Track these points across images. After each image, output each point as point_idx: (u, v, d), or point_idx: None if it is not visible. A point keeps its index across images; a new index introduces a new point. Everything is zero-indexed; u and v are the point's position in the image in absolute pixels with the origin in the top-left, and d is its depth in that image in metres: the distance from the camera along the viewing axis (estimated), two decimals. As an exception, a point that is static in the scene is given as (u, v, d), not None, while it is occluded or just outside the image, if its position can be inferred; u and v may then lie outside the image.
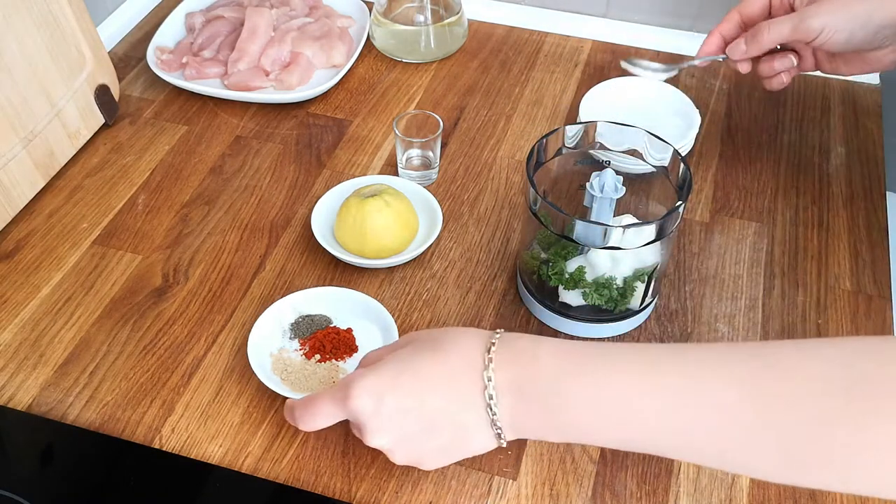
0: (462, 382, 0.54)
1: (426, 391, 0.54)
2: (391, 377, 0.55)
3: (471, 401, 0.53)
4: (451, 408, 0.54)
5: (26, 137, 0.82)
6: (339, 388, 0.56)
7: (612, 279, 0.70)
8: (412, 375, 0.54)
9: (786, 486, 0.64)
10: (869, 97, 0.98)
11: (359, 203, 0.76)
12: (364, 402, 0.54)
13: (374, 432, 0.55)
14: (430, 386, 0.54)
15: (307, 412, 0.58)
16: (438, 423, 0.54)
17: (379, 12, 1.02)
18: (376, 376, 0.55)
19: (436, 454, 0.57)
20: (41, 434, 0.67)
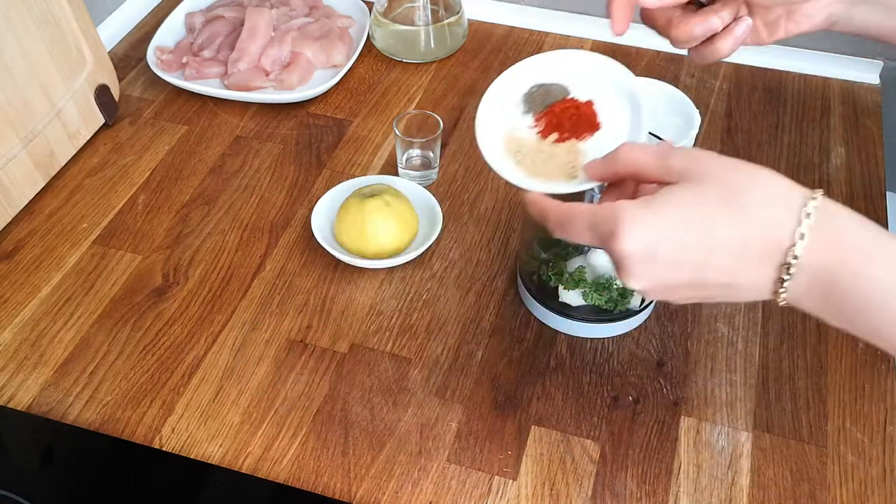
0: (756, 252, 0.47)
1: (710, 252, 0.47)
2: (671, 226, 0.47)
3: (760, 271, 0.47)
4: (734, 272, 0.48)
5: (26, 137, 0.82)
6: (605, 220, 0.49)
7: (612, 279, 0.70)
8: (698, 229, 0.47)
9: (785, 487, 0.64)
10: (869, 97, 0.98)
11: (359, 203, 0.76)
12: (634, 247, 0.48)
13: (635, 277, 0.49)
14: (716, 247, 0.47)
15: (562, 224, 0.52)
16: (711, 281, 0.49)
17: (379, 12, 1.02)
18: (654, 219, 0.48)
19: (692, 299, 0.51)
20: (41, 434, 0.67)
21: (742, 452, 0.66)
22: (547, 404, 0.69)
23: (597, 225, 0.49)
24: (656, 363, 0.72)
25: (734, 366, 0.72)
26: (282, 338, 0.74)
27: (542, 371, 0.71)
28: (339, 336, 0.74)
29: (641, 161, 0.51)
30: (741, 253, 0.47)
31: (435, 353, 0.73)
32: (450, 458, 0.66)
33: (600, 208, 0.49)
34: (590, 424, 0.68)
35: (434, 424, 0.68)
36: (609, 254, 0.50)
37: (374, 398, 0.69)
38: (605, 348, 0.73)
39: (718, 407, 0.69)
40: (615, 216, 0.48)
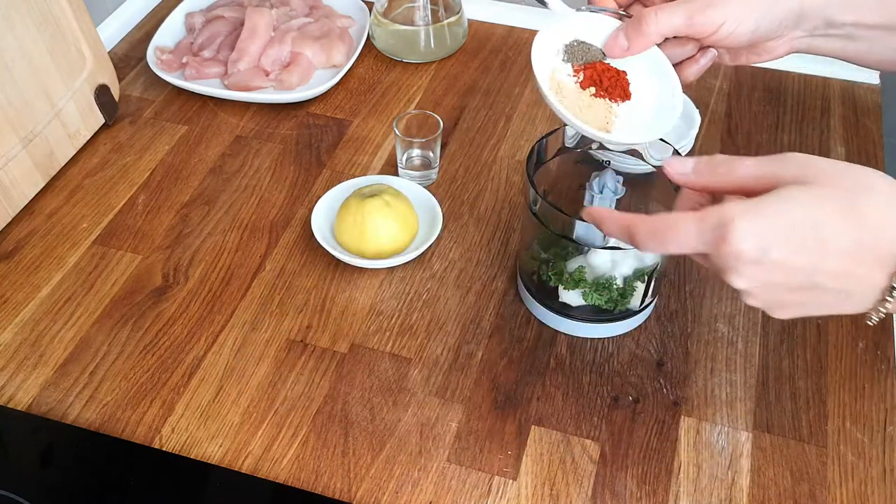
0: (870, 258, 0.47)
1: (824, 256, 0.47)
2: (785, 227, 0.47)
3: (871, 279, 0.48)
4: (844, 277, 0.48)
5: (26, 137, 0.82)
6: (712, 225, 0.48)
7: (612, 279, 0.70)
8: (811, 232, 0.47)
9: (785, 487, 0.64)
10: (869, 97, 0.98)
11: (359, 203, 0.76)
12: (745, 248, 0.47)
13: (742, 277, 0.49)
14: (830, 251, 0.47)
15: (659, 235, 0.51)
16: (821, 286, 0.49)
17: (379, 12, 1.02)
18: (765, 221, 0.47)
19: (797, 308, 0.51)
20: (41, 434, 0.67)
21: (742, 452, 0.66)
22: (547, 404, 0.69)
23: (704, 231, 0.49)
24: (656, 363, 0.72)
25: (734, 366, 0.72)
26: (282, 338, 0.74)
27: (542, 371, 0.71)
28: (339, 336, 0.74)
29: (742, 173, 0.51)
30: (855, 258, 0.47)
31: (435, 353, 0.73)
32: (450, 458, 0.66)
33: (707, 214, 0.49)
34: (590, 424, 0.68)
35: (434, 424, 0.68)
36: (716, 257, 0.49)
37: (374, 398, 0.69)
38: (605, 348, 0.73)
39: (718, 407, 0.69)
40: (725, 218, 0.48)
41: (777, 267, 0.48)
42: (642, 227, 0.52)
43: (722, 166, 0.51)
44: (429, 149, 0.85)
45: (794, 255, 0.47)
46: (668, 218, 0.51)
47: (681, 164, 0.53)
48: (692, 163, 0.52)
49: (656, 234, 0.51)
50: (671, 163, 0.53)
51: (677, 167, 0.53)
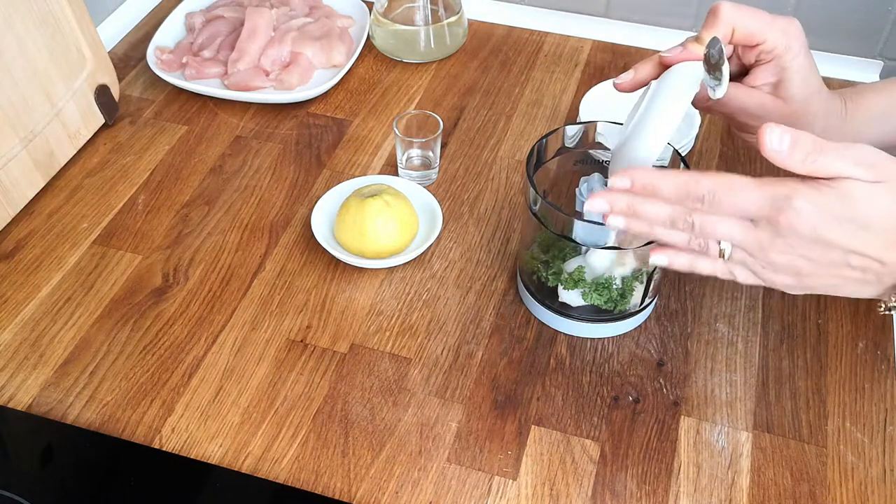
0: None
1: (865, 241, 0.52)
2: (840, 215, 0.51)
3: None
4: (876, 262, 0.52)
5: (26, 137, 0.83)
6: (774, 195, 0.51)
7: (612, 279, 0.70)
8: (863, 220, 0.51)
9: (785, 487, 0.64)
10: (869, 97, 0.98)
11: (359, 203, 0.76)
12: (799, 223, 0.51)
13: (785, 253, 0.53)
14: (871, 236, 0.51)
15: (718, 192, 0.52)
16: (851, 265, 0.53)
17: (379, 12, 1.02)
18: (823, 203, 0.51)
19: (818, 285, 0.55)
20: (41, 434, 0.67)
21: (742, 452, 0.66)
22: (547, 404, 0.69)
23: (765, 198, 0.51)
24: (656, 363, 0.72)
25: (734, 366, 0.72)
26: (282, 338, 0.74)
27: (542, 371, 0.71)
28: (339, 336, 0.74)
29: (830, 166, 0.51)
30: (889, 245, 0.52)
31: (435, 353, 0.73)
32: (450, 458, 0.66)
33: (767, 182, 0.52)
34: (590, 424, 0.68)
35: (434, 424, 0.68)
36: (767, 226, 0.52)
37: (374, 398, 0.69)
38: (605, 348, 0.73)
39: (718, 407, 0.69)
40: (787, 193, 0.51)
41: (822, 245, 0.52)
42: (704, 181, 0.53)
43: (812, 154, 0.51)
44: (429, 149, 0.85)
45: (839, 237, 0.51)
46: (729, 177, 0.52)
47: (779, 140, 0.51)
48: (788, 142, 0.51)
49: (715, 193, 0.52)
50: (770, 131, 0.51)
51: (774, 142, 0.51)
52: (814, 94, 0.64)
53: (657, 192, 0.54)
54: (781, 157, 0.52)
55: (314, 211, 0.81)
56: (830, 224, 0.51)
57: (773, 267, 0.54)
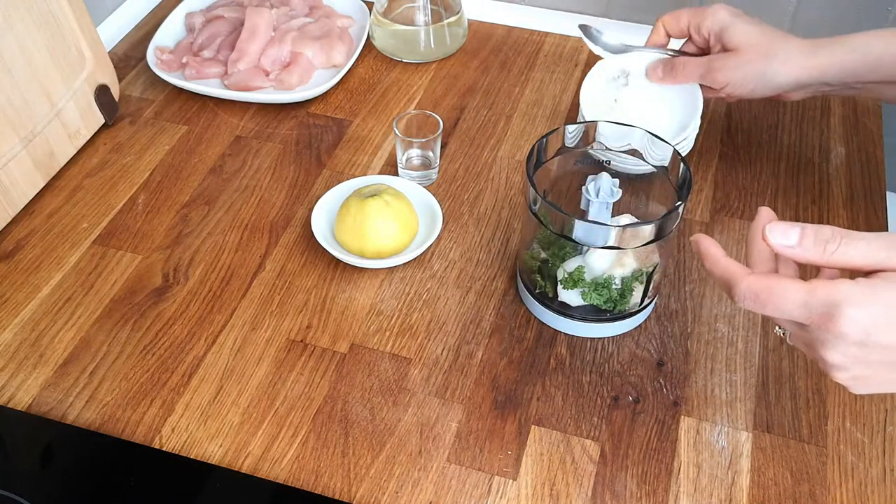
0: None
1: None
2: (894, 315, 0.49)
3: None
4: None
5: (26, 137, 0.83)
6: (821, 301, 0.49)
7: (611, 279, 0.70)
8: None
9: (785, 487, 0.64)
10: (869, 97, 0.98)
11: (359, 203, 0.76)
12: (852, 331, 0.48)
13: (839, 354, 0.50)
14: None
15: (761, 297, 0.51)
16: None
17: (379, 12, 1.02)
18: (876, 308, 0.48)
19: (884, 385, 0.52)
20: (41, 434, 0.67)
21: (742, 452, 0.66)
22: (547, 404, 0.69)
23: (812, 305, 0.49)
24: (656, 363, 0.72)
25: (734, 366, 0.72)
26: (282, 338, 0.74)
27: (542, 371, 0.71)
28: (339, 336, 0.74)
29: (853, 255, 0.51)
30: None
31: (435, 353, 0.73)
32: (450, 458, 0.66)
33: (817, 288, 0.49)
34: (590, 424, 0.68)
35: (434, 424, 0.68)
36: (817, 332, 0.50)
37: (374, 398, 0.69)
38: (605, 348, 0.73)
39: (718, 407, 0.69)
40: (837, 300, 0.49)
41: (878, 348, 0.49)
42: (743, 284, 0.51)
43: (831, 244, 0.51)
44: (429, 149, 0.85)
45: (894, 339, 0.49)
46: (772, 282, 0.51)
47: (784, 235, 0.51)
48: (797, 234, 0.51)
49: (758, 296, 0.51)
50: (773, 231, 0.51)
51: (780, 238, 0.51)
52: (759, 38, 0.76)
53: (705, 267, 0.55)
54: (795, 252, 0.51)
55: (314, 211, 0.81)
56: (884, 327, 0.49)
57: (827, 365, 0.52)
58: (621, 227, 0.65)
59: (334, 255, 0.78)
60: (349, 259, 0.77)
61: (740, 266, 0.53)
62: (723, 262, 0.53)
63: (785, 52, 0.75)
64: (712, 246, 0.54)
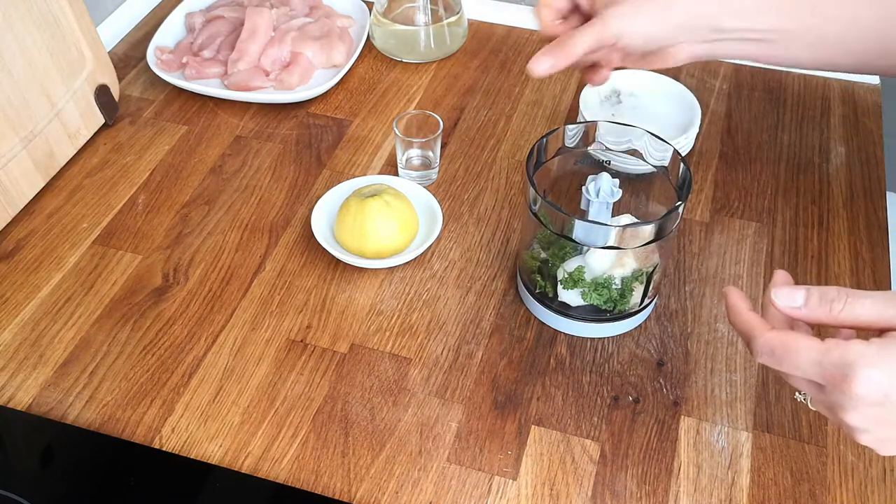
0: None
1: None
2: None
3: None
4: None
5: (26, 137, 0.82)
6: (838, 362, 0.49)
7: (611, 279, 0.70)
8: None
9: (785, 487, 0.64)
10: (869, 97, 0.98)
11: (359, 203, 0.76)
12: (869, 391, 0.48)
13: (859, 416, 0.50)
14: None
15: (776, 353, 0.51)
16: None
17: (379, 12, 1.02)
18: (890, 364, 0.48)
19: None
20: (41, 434, 0.67)
21: (742, 452, 0.66)
22: (547, 404, 0.69)
23: (826, 365, 0.49)
24: (656, 363, 0.72)
25: (734, 366, 0.72)
26: (282, 338, 0.74)
27: (542, 371, 0.71)
28: (339, 336, 0.74)
29: (860, 313, 0.50)
30: None
31: (435, 353, 0.73)
32: (450, 458, 0.66)
33: (832, 348, 0.49)
34: (590, 424, 0.68)
35: (434, 424, 0.68)
36: (833, 393, 0.50)
37: (374, 398, 0.69)
38: (605, 348, 0.73)
39: (718, 407, 0.69)
40: (851, 360, 0.48)
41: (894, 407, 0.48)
42: (760, 338, 0.51)
43: (837, 303, 0.50)
44: (429, 149, 0.85)
45: None
46: (789, 339, 0.50)
47: (789, 297, 0.51)
48: (802, 296, 0.51)
49: (774, 351, 0.51)
50: (779, 295, 0.52)
51: (786, 300, 0.51)
52: None
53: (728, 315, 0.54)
54: (802, 314, 0.51)
55: (314, 211, 0.81)
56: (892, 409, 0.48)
57: (849, 428, 0.51)
58: (621, 227, 0.65)
59: (334, 255, 0.78)
60: (349, 259, 0.77)
61: (761, 321, 0.52)
62: (745, 315, 0.53)
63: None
64: (739, 299, 0.54)
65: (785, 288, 0.52)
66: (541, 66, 0.69)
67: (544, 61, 0.69)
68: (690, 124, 0.87)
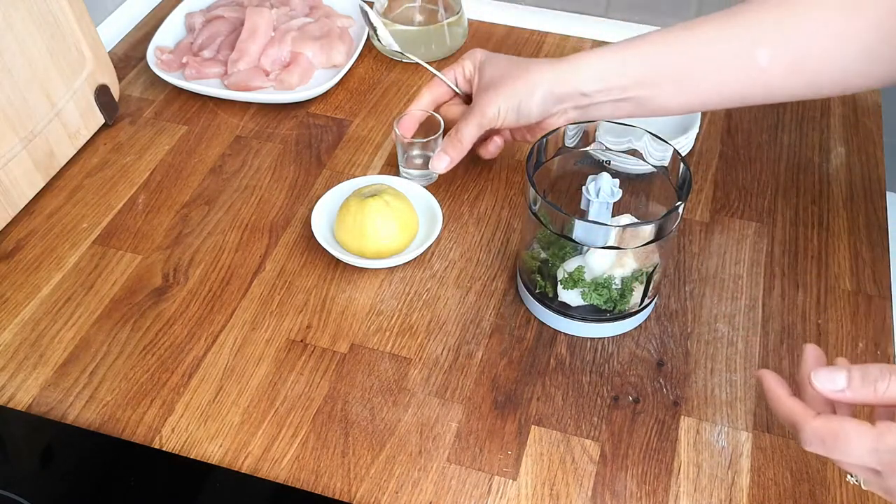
0: None
1: None
2: None
3: None
4: None
5: (26, 137, 0.83)
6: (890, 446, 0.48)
7: (611, 279, 0.70)
8: None
9: (785, 487, 0.64)
10: (869, 97, 0.98)
11: (359, 203, 0.76)
12: None
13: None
14: None
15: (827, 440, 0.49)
16: None
17: (379, 12, 1.02)
18: None
19: None
20: (41, 434, 0.67)
21: (742, 452, 0.66)
22: (547, 404, 0.69)
23: (882, 451, 0.48)
24: (656, 363, 0.72)
25: (734, 366, 0.72)
26: (282, 338, 0.74)
27: (542, 371, 0.71)
28: (339, 336, 0.74)
29: None
30: None
31: (435, 353, 0.73)
32: (450, 458, 0.66)
33: (885, 433, 0.48)
34: (590, 424, 0.68)
35: (434, 424, 0.68)
36: (890, 479, 0.49)
37: (374, 398, 0.69)
38: (605, 348, 0.73)
39: (718, 407, 0.69)
40: None
41: None
42: (807, 427, 0.50)
43: (881, 382, 0.49)
44: (429, 149, 0.85)
45: None
46: (838, 426, 0.49)
47: (830, 380, 0.50)
48: (844, 378, 0.50)
49: (825, 439, 0.49)
50: (820, 378, 0.50)
51: (827, 384, 0.50)
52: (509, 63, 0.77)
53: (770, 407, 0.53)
54: (846, 396, 0.49)
55: (314, 211, 0.81)
56: None
57: None
58: (621, 227, 0.65)
59: (334, 255, 0.78)
60: (349, 259, 0.77)
61: (804, 407, 0.51)
62: (787, 402, 0.52)
63: (536, 65, 0.75)
64: (776, 385, 0.53)
65: (824, 370, 0.50)
66: (442, 164, 0.80)
67: (443, 159, 0.80)
68: (690, 124, 0.87)
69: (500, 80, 0.76)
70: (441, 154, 0.80)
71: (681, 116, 0.88)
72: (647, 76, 0.72)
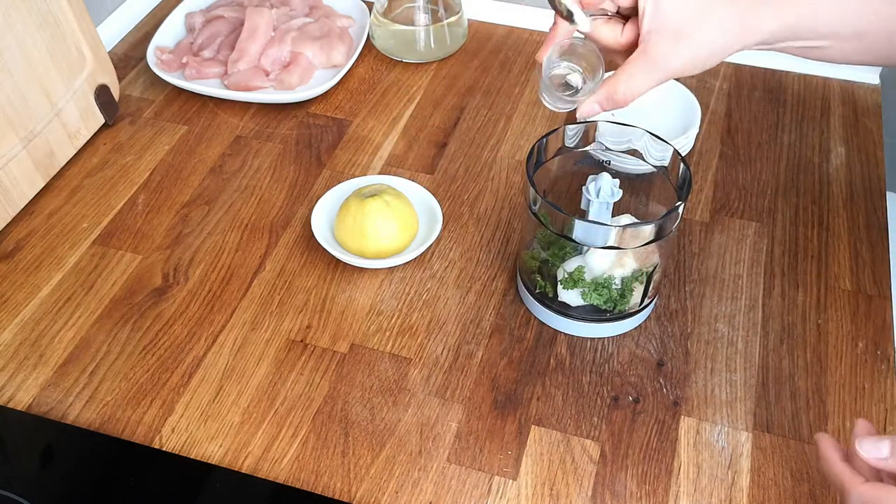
0: None
1: None
2: None
3: None
4: None
5: (26, 137, 0.83)
6: None
7: (611, 279, 0.70)
8: None
9: (785, 487, 0.64)
10: (869, 97, 0.98)
11: (359, 203, 0.76)
12: None
13: None
14: None
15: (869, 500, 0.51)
16: None
17: (379, 12, 1.02)
18: None
19: None
20: (41, 434, 0.67)
21: (742, 452, 0.66)
22: (547, 404, 0.69)
23: None
24: (656, 363, 0.72)
25: (734, 366, 0.72)
26: (282, 338, 0.74)
27: (542, 371, 0.71)
28: (339, 336, 0.74)
29: None
30: None
31: (435, 353, 0.73)
32: (450, 458, 0.66)
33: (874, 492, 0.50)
34: (590, 424, 0.68)
35: (434, 424, 0.68)
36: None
37: (374, 398, 0.69)
38: (605, 348, 0.73)
39: (718, 407, 0.69)
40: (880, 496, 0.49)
41: None
42: (854, 492, 0.51)
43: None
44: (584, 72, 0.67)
45: None
46: (882, 493, 0.50)
47: (875, 449, 0.52)
48: (888, 447, 0.51)
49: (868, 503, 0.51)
50: (864, 446, 0.52)
51: (871, 451, 0.52)
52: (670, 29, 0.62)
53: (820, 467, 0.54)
54: (889, 464, 0.51)
55: (314, 211, 0.81)
56: None
57: None
58: (621, 227, 0.65)
59: (334, 255, 0.78)
60: (349, 259, 0.77)
61: (853, 473, 0.52)
62: (838, 467, 0.53)
63: (720, 8, 0.62)
64: (831, 449, 0.54)
65: (869, 439, 0.52)
66: (590, 112, 0.65)
67: (594, 108, 0.65)
68: (690, 124, 0.87)
69: (690, 24, 0.61)
70: (593, 104, 0.65)
71: (681, 116, 0.88)
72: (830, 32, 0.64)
